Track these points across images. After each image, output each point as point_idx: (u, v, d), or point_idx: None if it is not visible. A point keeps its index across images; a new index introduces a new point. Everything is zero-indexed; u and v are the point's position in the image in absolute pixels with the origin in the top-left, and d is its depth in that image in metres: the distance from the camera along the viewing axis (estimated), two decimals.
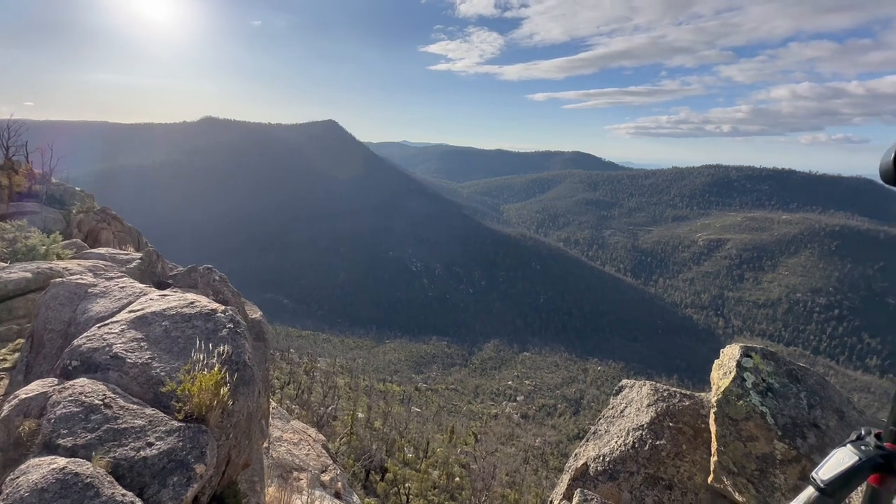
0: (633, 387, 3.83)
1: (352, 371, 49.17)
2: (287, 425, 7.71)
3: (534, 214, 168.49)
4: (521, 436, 42.36)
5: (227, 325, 3.03)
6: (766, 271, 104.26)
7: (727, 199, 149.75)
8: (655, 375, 64.45)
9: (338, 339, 74.41)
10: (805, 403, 2.78)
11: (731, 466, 2.79)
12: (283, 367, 29.36)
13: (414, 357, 72.05)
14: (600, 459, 3.48)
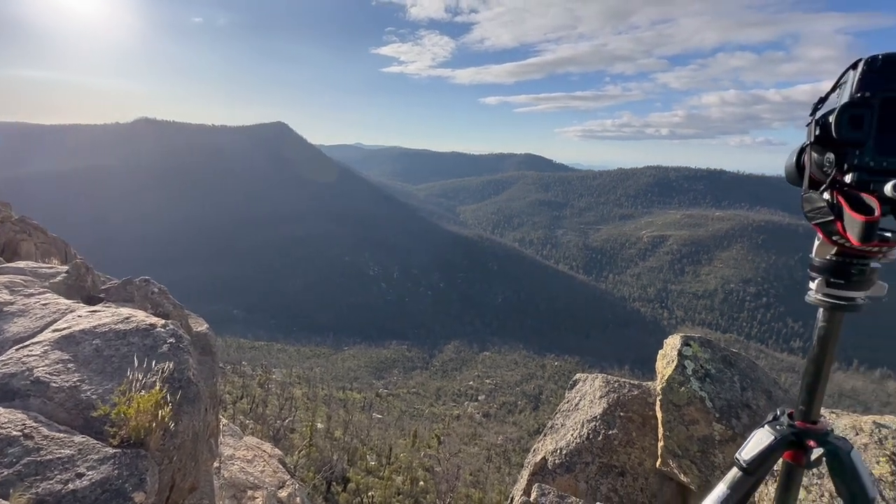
0: (586, 380, 3.98)
1: (309, 381, 47.66)
2: (240, 442, 7.34)
3: (489, 215, 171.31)
4: (483, 435, 42.78)
5: (168, 341, 2.84)
6: (703, 265, 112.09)
7: (667, 198, 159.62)
8: (608, 367, 67.37)
9: (293, 348, 71.91)
10: (738, 386, 3.01)
11: (676, 450, 2.96)
12: (235, 381, 27.98)
13: (374, 363, 70.96)
14: (557, 453, 3.58)
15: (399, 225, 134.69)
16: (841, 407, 11.34)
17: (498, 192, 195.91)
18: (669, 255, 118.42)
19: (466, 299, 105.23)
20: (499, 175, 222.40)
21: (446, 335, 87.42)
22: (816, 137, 0.92)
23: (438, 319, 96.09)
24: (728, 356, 3.21)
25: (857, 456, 1.04)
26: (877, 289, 0.95)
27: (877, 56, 0.86)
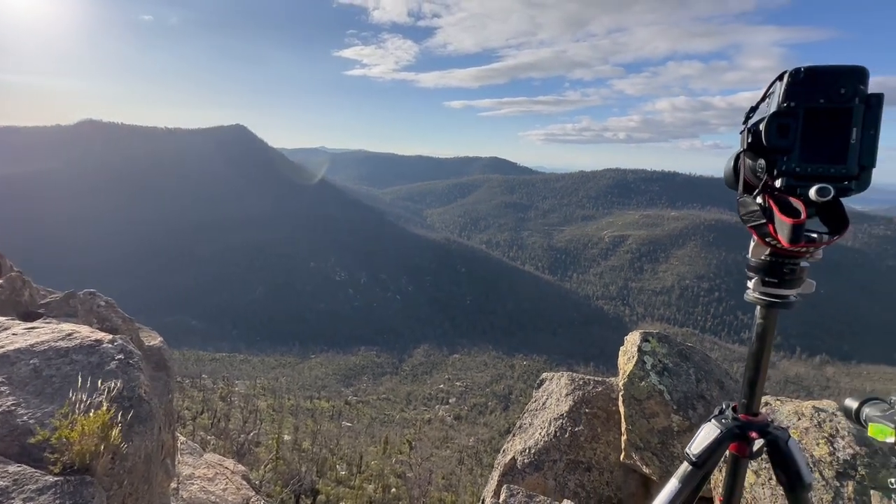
0: (552, 379, 4.06)
1: (275, 391, 46.13)
2: (200, 460, 6.99)
3: (456, 218, 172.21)
4: (455, 437, 42.74)
5: (117, 357, 2.67)
6: (660, 262, 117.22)
7: (626, 199, 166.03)
8: (575, 365, 69.06)
9: (257, 358, 69.43)
10: (693, 378, 3.15)
11: (638, 442, 3.07)
12: (195, 396, 26.69)
13: (342, 370, 69.60)
14: (526, 452, 3.63)
15: (366, 229, 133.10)
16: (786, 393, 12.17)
17: (464, 195, 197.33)
18: (629, 254, 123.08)
19: (435, 302, 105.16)
20: (465, 178, 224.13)
21: (416, 339, 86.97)
22: (749, 144, 0.96)
23: (407, 324, 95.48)
24: (684, 350, 3.36)
25: (794, 444, 1.11)
26: (806, 286, 1.02)
27: (800, 69, 0.90)
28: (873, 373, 75.73)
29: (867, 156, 0.90)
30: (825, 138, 0.90)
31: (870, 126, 0.90)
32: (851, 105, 0.89)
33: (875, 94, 0.89)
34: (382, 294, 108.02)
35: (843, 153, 0.89)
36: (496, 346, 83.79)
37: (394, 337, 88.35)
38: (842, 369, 76.79)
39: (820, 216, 0.93)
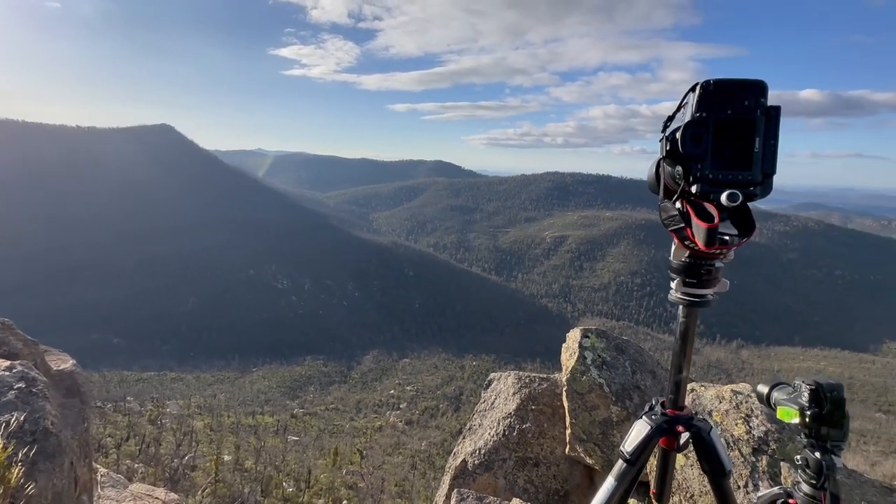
0: (500, 379, 4.14)
1: (213, 409, 43.18)
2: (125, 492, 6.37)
3: (403, 222, 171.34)
4: (407, 443, 42.38)
5: (16, 386, 2.36)
6: (598, 261, 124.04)
7: (565, 201, 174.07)
8: (522, 362, 71.11)
9: (191, 375, 64.65)
10: (629, 370, 3.35)
11: (581, 435, 3.21)
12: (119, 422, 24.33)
13: (287, 382, 66.61)
14: (476, 453, 3.67)
15: (309, 234, 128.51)
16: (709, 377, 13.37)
17: (410, 198, 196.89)
18: (570, 254, 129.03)
19: (383, 307, 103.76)
20: (410, 181, 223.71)
21: (364, 345, 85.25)
22: (667, 152, 1.02)
23: (355, 330, 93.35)
24: (620, 344, 3.56)
25: (715, 435, 1.20)
26: (721, 285, 1.12)
27: (709, 81, 0.97)
28: (780, 353, 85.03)
29: (769, 164, 0.97)
30: (733, 147, 0.96)
31: (770, 136, 0.97)
32: (754, 116, 0.95)
33: (774, 106, 0.96)
34: (328, 300, 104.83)
35: (749, 161, 0.96)
36: (446, 349, 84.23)
37: (341, 344, 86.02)
38: (754, 352, 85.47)
39: (731, 220, 1.00)
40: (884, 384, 69.17)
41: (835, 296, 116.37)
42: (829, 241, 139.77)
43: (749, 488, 2.15)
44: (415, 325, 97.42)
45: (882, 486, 2.16)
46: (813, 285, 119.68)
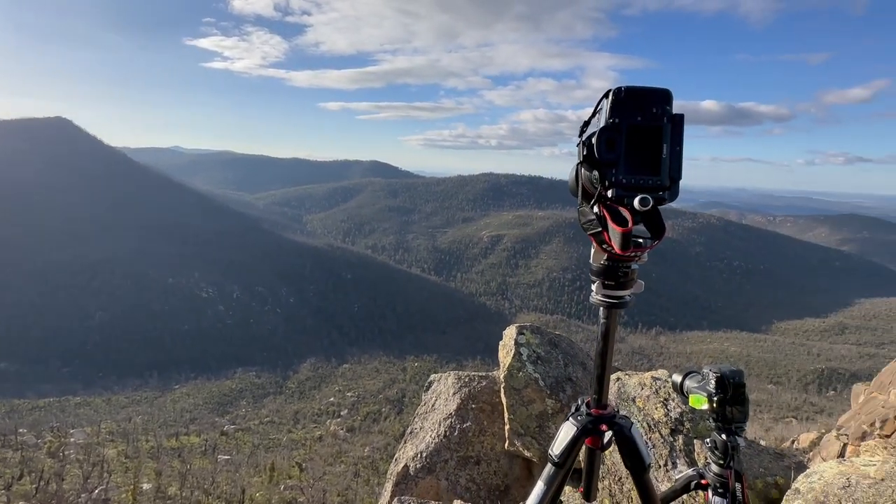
0: (439, 380, 4.15)
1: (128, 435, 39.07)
2: None
3: (339, 223, 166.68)
4: (349, 450, 41.32)
5: None
6: (532, 258, 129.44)
7: (500, 201, 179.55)
8: (464, 360, 72.20)
9: (100, 398, 58.03)
10: (562, 364, 3.51)
11: (519, 429, 3.30)
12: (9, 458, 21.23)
13: (215, 397, 62.01)
14: (418, 457, 3.64)
15: (236, 238, 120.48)
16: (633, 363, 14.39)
17: (346, 199, 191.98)
18: (506, 252, 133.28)
19: (320, 312, 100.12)
20: (346, 182, 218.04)
21: (301, 353, 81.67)
22: (584, 157, 1.04)
23: (291, 338, 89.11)
24: (553, 338, 3.72)
25: (636, 430, 1.24)
26: (637, 286, 1.14)
27: (621, 88, 1.00)
28: (691, 337, 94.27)
29: (675, 169, 1.01)
30: (643, 153, 0.99)
31: (676, 143, 1.01)
32: (661, 123, 0.99)
33: (678, 114, 1.01)
34: (260, 308, 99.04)
35: (658, 166, 1.00)
36: (387, 351, 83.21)
37: (276, 353, 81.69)
38: (670, 337, 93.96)
39: (644, 223, 1.04)
40: (773, 359, 79.39)
41: (734, 284, 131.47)
42: (728, 235, 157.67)
43: (668, 466, 2.35)
44: (354, 329, 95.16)
45: (775, 452, 2.46)
46: (716, 275, 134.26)
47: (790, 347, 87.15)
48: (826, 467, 2.05)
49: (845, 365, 72.39)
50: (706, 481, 1.45)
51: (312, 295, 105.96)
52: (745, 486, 1.44)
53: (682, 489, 1.55)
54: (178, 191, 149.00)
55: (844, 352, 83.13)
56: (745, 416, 1.39)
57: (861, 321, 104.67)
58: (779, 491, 2.17)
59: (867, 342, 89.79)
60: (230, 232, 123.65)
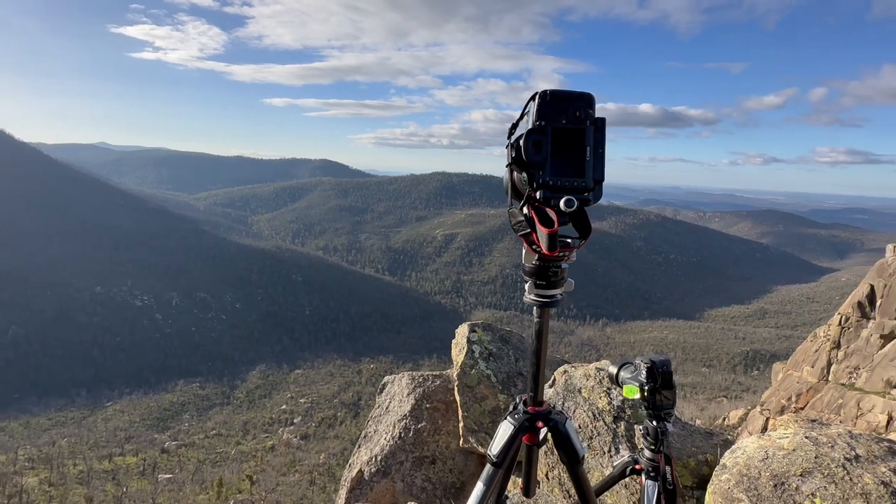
0: (393, 381, 4.11)
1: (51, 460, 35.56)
2: None
3: (288, 224, 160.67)
4: (304, 459, 40.13)
5: None
6: (485, 256, 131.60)
7: (453, 200, 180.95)
8: (420, 359, 72.16)
9: (17, 423, 52.42)
10: (513, 359, 3.59)
11: (473, 426, 3.34)
12: None
13: (154, 413, 57.87)
14: (373, 461, 3.59)
15: (174, 242, 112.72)
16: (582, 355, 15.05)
17: (295, 199, 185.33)
18: (460, 251, 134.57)
19: (270, 317, 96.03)
20: (294, 181, 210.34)
21: (249, 361, 77.97)
22: (513, 159, 1.05)
23: (238, 345, 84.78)
24: (504, 335, 3.80)
25: (570, 425, 1.27)
26: (568, 285, 1.18)
27: (546, 91, 1.02)
28: (634, 327, 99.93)
29: (599, 171, 1.04)
30: (568, 155, 1.02)
31: (598, 145, 1.04)
32: (584, 126, 1.02)
33: (600, 118, 1.04)
34: (203, 315, 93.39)
35: (582, 169, 1.02)
36: (341, 354, 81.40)
37: (222, 362, 77.45)
38: (616, 328, 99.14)
39: (573, 223, 1.07)
40: (706, 344, 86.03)
41: (670, 275, 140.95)
42: (665, 230, 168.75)
43: (612, 452, 2.48)
44: (306, 332, 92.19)
45: (705, 431, 2.67)
46: (655, 267, 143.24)
47: (720, 332, 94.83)
48: (748, 442, 2.24)
49: (767, 346, 79.86)
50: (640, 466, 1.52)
51: (260, 299, 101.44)
52: (674, 469, 1.51)
53: (619, 475, 1.64)
54: (106, 191, 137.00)
55: (766, 334, 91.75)
56: (673, 403, 1.46)
57: (779, 306, 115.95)
58: (709, 467, 2.35)
59: (784, 325, 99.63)
60: (167, 235, 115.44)
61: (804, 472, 1.98)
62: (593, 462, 2.54)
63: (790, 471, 2.00)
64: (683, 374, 66.61)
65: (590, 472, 2.54)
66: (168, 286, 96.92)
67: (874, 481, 1.88)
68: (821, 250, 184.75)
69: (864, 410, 23.40)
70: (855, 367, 25.94)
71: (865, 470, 1.93)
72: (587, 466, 2.56)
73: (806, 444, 2.09)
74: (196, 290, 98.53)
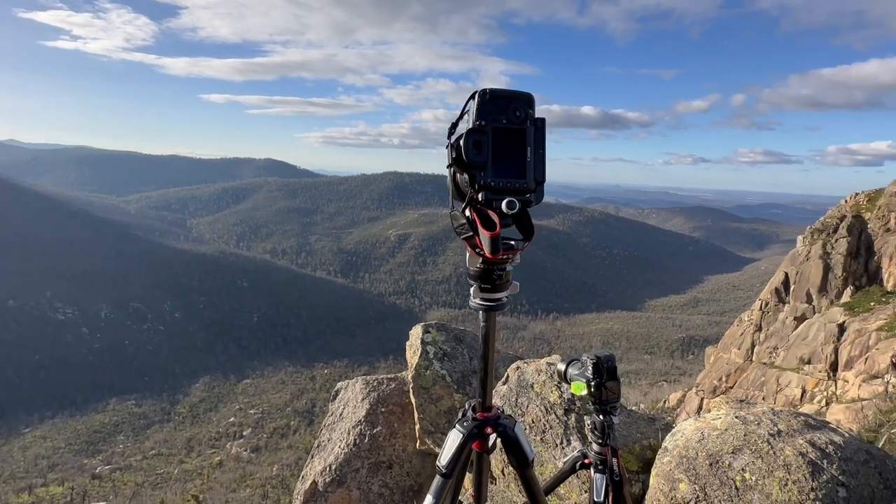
0: (346, 387, 4.01)
1: None
2: None
3: (231, 227, 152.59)
4: (255, 472, 38.34)
5: None
6: (439, 255, 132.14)
7: (406, 199, 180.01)
8: (376, 362, 71.13)
9: None
10: (468, 358, 3.62)
11: (430, 427, 3.33)
12: None
13: (82, 436, 52.92)
14: (327, 470, 3.48)
15: (102, 249, 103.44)
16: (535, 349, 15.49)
17: (238, 200, 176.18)
18: (413, 250, 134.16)
19: (214, 326, 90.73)
20: (237, 182, 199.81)
21: (192, 374, 73.26)
22: (453, 159, 1.02)
23: (179, 357, 79.37)
24: (458, 334, 3.81)
25: (519, 428, 1.24)
26: (513, 288, 1.13)
27: (486, 90, 0.99)
28: (582, 320, 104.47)
29: (540, 172, 1.01)
30: (510, 156, 0.99)
31: (539, 146, 1.01)
32: (525, 127, 0.99)
33: (540, 118, 1.01)
34: (137, 327, 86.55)
35: (523, 170, 0.99)
36: (293, 361, 78.56)
37: (160, 377, 72.21)
38: (566, 321, 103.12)
39: (516, 225, 1.04)
40: (648, 332, 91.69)
41: (614, 269, 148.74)
42: (608, 227, 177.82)
43: (564, 444, 2.55)
44: (254, 340, 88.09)
45: (648, 417, 2.83)
46: (599, 262, 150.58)
47: (659, 321, 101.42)
48: (686, 425, 2.40)
49: (700, 332, 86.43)
50: (589, 460, 1.56)
51: (203, 307, 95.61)
52: (620, 461, 1.57)
53: (570, 470, 1.68)
54: (17, 193, 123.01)
55: (699, 321, 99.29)
56: (618, 396, 1.51)
57: (709, 294, 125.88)
58: (653, 451, 2.49)
59: (714, 311, 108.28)
60: (92, 241, 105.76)
61: (735, 449, 2.14)
62: (547, 455, 2.60)
63: (723, 449, 2.16)
64: (628, 362, 70.59)
65: (544, 465, 2.61)
66: (95, 297, 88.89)
67: (794, 453, 2.07)
68: (744, 242, 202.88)
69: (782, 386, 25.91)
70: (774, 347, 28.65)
71: (786, 444, 2.12)
72: (542, 460, 2.62)
73: (736, 423, 2.26)
74: (129, 299, 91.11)
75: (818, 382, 23.51)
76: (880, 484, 2.06)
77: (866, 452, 2.16)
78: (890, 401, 13.82)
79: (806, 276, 28.85)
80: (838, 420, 15.34)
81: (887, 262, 26.69)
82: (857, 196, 31.96)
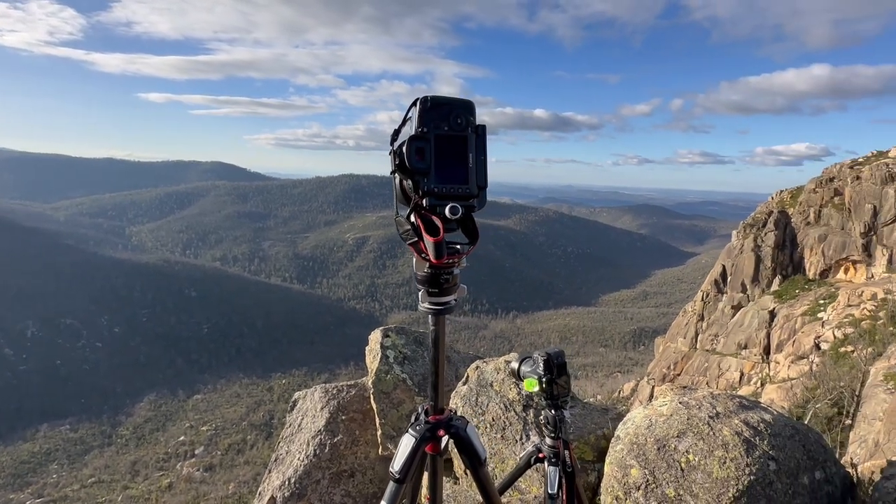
0: (305, 397, 3.89)
1: None
2: None
3: (176, 234, 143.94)
4: (209, 492, 36.47)
5: None
6: (398, 257, 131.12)
7: (363, 202, 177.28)
8: (336, 368, 69.51)
9: None
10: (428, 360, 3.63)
11: (391, 432, 3.30)
12: None
13: (7, 468, 48.04)
14: (286, 484, 3.36)
15: (27, 260, 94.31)
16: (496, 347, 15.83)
17: (184, 205, 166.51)
18: (372, 254, 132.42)
19: (159, 339, 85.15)
20: (182, 186, 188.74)
21: (135, 392, 68.33)
22: (396, 166, 1.04)
23: (120, 375, 73.75)
24: (418, 337, 3.81)
25: (471, 429, 1.27)
26: (461, 291, 1.16)
27: (427, 97, 1.01)
28: (540, 316, 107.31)
29: (482, 177, 1.05)
30: (452, 162, 1.01)
31: (480, 152, 1.04)
32: (466, 133, 1.02)
33: (481, 124, 1.05)
34: (70, 345, 79.61)
35: (465, 175, 1.02)
36: (248, 372, 75.23)
37: (99, 397, 66.82)
38: (525, 319, 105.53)
39: (461, 229, 1.08)
40: (602, 326, 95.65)
41: (569, 267, 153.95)
42: (562, 226, 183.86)
43: (523, 439, 2.62)
44: (205, 353, 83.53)
45: (601, 408, 2.96)
46: (555, 260, 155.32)
47: (612, 315, 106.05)
48: (636, 413, 2.53)
49: (650, 324, 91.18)
50: (543, 455, 1.62)
51: (146, 320, 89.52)
52: (571, 453, 1.65)
53: (525, 466, 1.75)
54: None
55: (648, 313, 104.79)
56: (568, 391, 1.58)
57: (657, 288, 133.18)
58: (606, 440, 2.61)
59: (661, 304, 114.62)
60: (15, 253, 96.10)
61: (679, 433, 2.29)
62: (507, 451, 2.66)
63: (669, 433, 2.30)
64: (584, 356, 73.27)
65: (505, 461, 2.66)
66: (19, 314, 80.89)
67: (731, 433, 2.24)
68: (686, 238, 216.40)
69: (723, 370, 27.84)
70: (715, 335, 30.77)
71: (724, 424, 2.29)
72: (503, 457, 2.67)
73: (680, 408, 2.41)
74: (59, 315, 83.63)
75: (754, 365, 25.56)
76: (804, 455, 2.27)
77: (792, 428, 2.38)
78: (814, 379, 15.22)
79: (740, 268, 31.31)
80: (772, 399, 16.67)
81: (809, 252, 29.42)
82: (782, 193, 35.11)
